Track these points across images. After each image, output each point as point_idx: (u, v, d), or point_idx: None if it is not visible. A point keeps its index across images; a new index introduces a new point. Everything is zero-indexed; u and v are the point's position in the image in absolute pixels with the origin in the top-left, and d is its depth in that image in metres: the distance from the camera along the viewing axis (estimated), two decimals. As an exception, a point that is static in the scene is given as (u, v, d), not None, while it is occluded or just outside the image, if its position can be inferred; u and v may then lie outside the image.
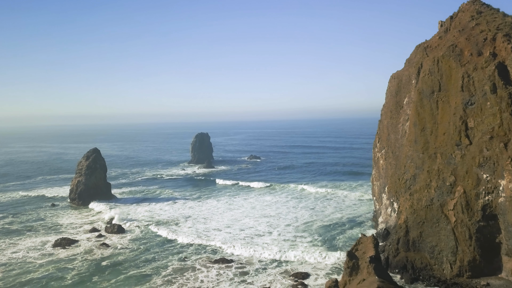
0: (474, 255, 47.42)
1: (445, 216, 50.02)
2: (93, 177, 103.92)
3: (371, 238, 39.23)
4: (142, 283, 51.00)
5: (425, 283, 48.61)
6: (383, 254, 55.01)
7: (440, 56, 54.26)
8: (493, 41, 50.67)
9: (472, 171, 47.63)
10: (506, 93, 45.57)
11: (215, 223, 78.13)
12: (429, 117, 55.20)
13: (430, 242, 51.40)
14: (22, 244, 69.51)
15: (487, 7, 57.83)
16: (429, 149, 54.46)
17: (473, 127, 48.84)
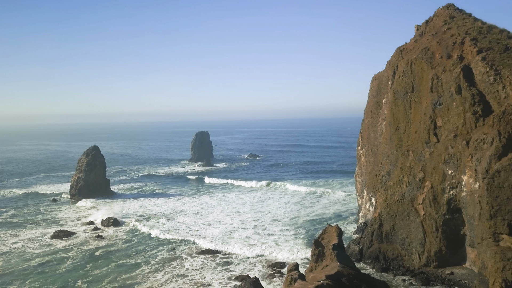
0: (440, 246, 50.51)
1: (415, 209, 53.17)
2: (93, 173, 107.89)
3: (335, 228, 42.51)
4: (132, 271, 54.66)
5: (394, 272, 51.80)
6: (359, 246, 58.28)
7: (413, 59, 57.34)
8: (461, 44, 53.63)
9: (439, 167, 50.73)
10: (469, 94, 48.57)
11: (204, 218, 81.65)
12: (402, 117, 58.33)
13: (401, 234, 54.57)
14: (23, 235, 73.54)
15: (460, 12, 60.71)
16: (402, 147, 57.60)
17: (441, 126, 51.91)
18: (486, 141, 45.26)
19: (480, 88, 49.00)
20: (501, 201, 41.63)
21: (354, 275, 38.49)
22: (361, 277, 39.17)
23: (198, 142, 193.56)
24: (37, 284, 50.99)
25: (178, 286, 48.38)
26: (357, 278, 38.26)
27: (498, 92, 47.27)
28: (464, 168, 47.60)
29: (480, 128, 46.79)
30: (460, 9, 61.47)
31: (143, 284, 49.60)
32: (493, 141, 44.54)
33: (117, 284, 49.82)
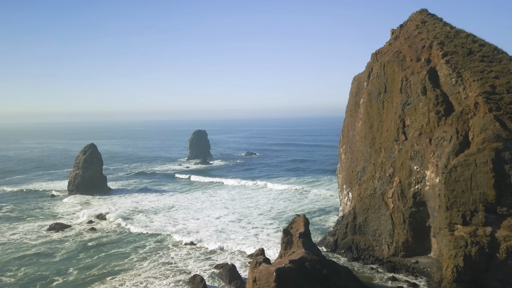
0: (407, 237, 54.01)
1: (385, 203, 56.69)
2: (90, 170, 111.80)
3: (302, 218, 46.19)
4: (120, 259, 58.45)
5: (365, 261, 55.33)
6: (334, 237, 61.92)
7: (386, 61, 60.80)
8: (429, 48, 57.04)
9: (406, 163, 54.22)
10: (433, 95, 52.04)
11: (194, 213, 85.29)
12: (376, 116, 61.82)
13: (372, 226, 58.12)
14: (21, 228, 77.51)
15: (431, 17, 64.07)
16: (375, 144, 61.10)
17: (409, 124, 55.39)
18: (445, 138, 48.81)
19: (443, 89, 52.48)
20: (456, 194, 45.13)
21: (317, 261, 42.29)
22: (324, 262, 42.96)
23: (195, 140, 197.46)
24: (31, 271, 54.82)
25: (160, 272, 52.15)
26: (319, 263, 42.06)
27: (459, 93, 50.74)
28: (427, 164, 51.12)
29: (442, 126, 50.30)
30: (432, 14, 64.85)
31: (129, 271, 53.38)
32: (451, 138, 48.09)
33: (105, 271, 53.61)
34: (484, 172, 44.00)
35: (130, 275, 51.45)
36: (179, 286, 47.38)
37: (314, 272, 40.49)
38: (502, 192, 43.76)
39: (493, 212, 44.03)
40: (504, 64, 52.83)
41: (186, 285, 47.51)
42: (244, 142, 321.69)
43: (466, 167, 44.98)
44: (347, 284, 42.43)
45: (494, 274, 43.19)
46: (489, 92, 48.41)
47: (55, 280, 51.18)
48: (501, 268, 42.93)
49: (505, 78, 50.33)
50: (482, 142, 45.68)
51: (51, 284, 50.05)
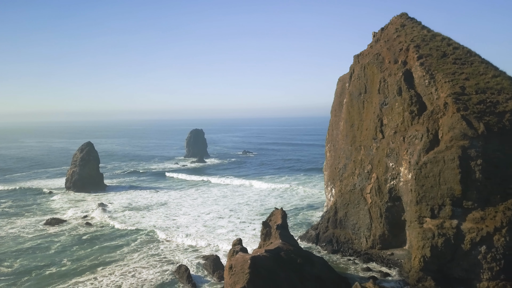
0: (383, 230, 56.85)
1: (364, 198, 59.51)
2: (87, 167, 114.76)
3: (280, 211, 49.06)
4: (112, 251, 61.38)
5: (343, 253, 58.16)
6: (316, 231, 64.78)
7: (366, 63, 63.60)
8: (406, 51, 59.81)
9: (383, 161, 57.03)
10: (408, 95, 54.82)
11: (185, 209, 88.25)
12: (357, 115, 64.64)
13: (352, 220, 60.96)
14: (19, 222, 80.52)
15: (411, 20, 66.77)
16: (356, 142, 63.92)
17: (386, 123, 58.17)
18: (417, 137, 51.62)
19: (418, 90, 55.24)
20: (426, 189, 47.95)
21: (292, 251, 45.22)
22: (299, 252, 45.88)
23: (192, 139, 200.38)
24: (27, 262, 57.77)
25: (149, 263, 55.08)
26: (294, 253, 44.97)
27: (431, 94, 53.51)
28: (401, 161, 53.94)
29: (415, 125, 53.08)
30: (412, 18, 67.52)
31: (119, 261, 56.31)
32: (422, 137, 50.90)
33: (96, 262, 56.55)
34: (452, 168, 46.81)
35: (120, 266, 54.41)
36: (165, 275, 50.30)
37: (288, 261, 43.38)
38: (468, 187, 46.54)
39: (459, 206, 46.84)
40: (475, 66, 55.58)
41: (171, 274, 50.43)
42: (242, 141, 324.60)
43: (435, 163, 47.80)
44: (320, 273, 45.29)
45: (459, 264, 45.96)
46: (458, 93, 51.15)
47: (48, 270, 54.11)
48: (466, 258, 45.69)
49: (474, 80, 53.09)
50: (450, 140, 48.51)
51: (45, 273, 52.98)
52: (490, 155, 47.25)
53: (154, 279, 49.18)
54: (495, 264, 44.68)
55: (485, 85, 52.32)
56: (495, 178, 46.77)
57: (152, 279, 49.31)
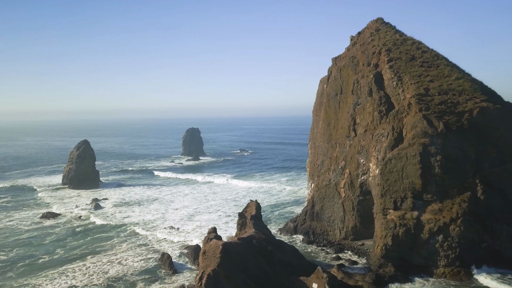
0: (355, 222, 60.73)
1: (338, 192, 63.40)
2: (83, 165, 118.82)
3: (255, 203, 52.99)
4: (103, 242, 65.44)
5: (318, 244, 61.98)
6: (294, 223, 68.69)
7: (342, 66, 67.46)
8: (378, 54, 63.62)
9: (355, 157, 60.93)
10: (378, 96, 58.66)
11: (175, 204, 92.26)
12: (333, 115, 68.51)
13: (327, 213, 64.87)
14: (17, 216, 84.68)
15: (385, 25, 70.55)
16: (332, 140, 67.81)
17: (358, 122, 62.05)
18: (384, 135, 55.51)
19: (387, 91, 59.10)
20: (390, 183, 51.87)
21: (264, 239, 49.19)
22: (270, 240, 49.84)
23: (188, 138, 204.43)
24: (23, 251, 61.84)
25: (136, 252, 59.12)
26: (266, 241, 48.95)
27: (399, 95, 57.37)
28: (370, 157, 57.85)
29: (382, 124, 56.95)
30: (387, 22, 71.32)
31: (108, 251, 60.35)
32: (388, 135, 54.80)
33: (87, 251, 60.61)
34: (413, 164, 50.74)
35: (108, 254, 58.45)
36: (149, 262, 54.32)
37: (259, 248, 47.29)
38: (427, 181, 50.49)
39: (419, 199, 50.80)
40: (440, 69, 59.42)
41: (155, 261, 54.43)
42: (240, 140, 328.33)
43: (398, 159, 51.72)
44: (290, 259, 49.23)
45: (418, 252, 49.87)
46: (422, 94, 55.01)
47: (42, 258, 58.18)
48: (424, 246, 49.61)
49: (438, 82, 56.94)
50: (412, 138, 52.41)
51: (38, 261, 57.06)
52: (449, 152, 51.17)
53: (138, 266, 53.21)
54: (451, 252, 48.66)
55: (448, 87, 56.19)
56: (453, 173, 50.74)
57: (137, 266, 53.33)
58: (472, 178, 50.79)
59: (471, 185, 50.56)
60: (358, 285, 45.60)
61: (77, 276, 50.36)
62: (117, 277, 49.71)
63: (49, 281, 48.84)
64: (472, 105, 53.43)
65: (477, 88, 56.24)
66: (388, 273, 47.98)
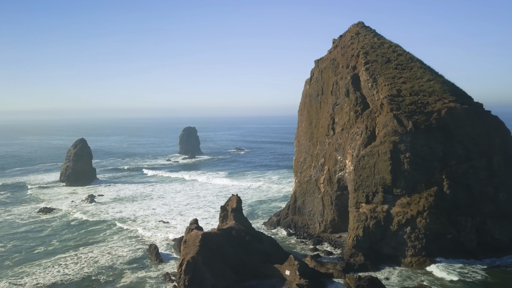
0: (334, 216, 64.16)
1: (318, 188, 66.88)
2: (80, 162, 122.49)
3: (236, 197, 56.50)
4: (96, 234, 69.13)
5: (298, 236, 65.45)
6: (277, 217, 72.20)
7: (323, 68, 70.90)
8: (357, 57, 67.03)
9: (333, 154, 64.37)
10: (354, 96, 62.10)
11: (166, 200, 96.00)
12: (315, 114, 71.97)
13: (308, 207, 68.35)
14: (15, 210, 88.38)
15: (365, 29, 73.93)
16: (313, 139, 71.27)
17: (337, 122, 65.48)
18: (358, 133, 58.97)
19: (363, 92, 62.52)
20: (362, 178, 55.32)
21: (243, 230, 52.78)
22: (249, 231, 53.42)
23: (185, 136, 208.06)
24: (20, 243, 65.46)
25: (126, 243, 62.72)
26: (244, 232, 52.54)
27: (373, 95, 60.79)
28: (346, 154, 61.28)
29: (357, 123, 60.38)
30: (367, 26, 74.70)
31: (100, 242, 63.97)
32: (362, 133, 58.24)
33: (80, 242, 64.25)
34: (384, 160, 54.18)
35: (100, 245, 62.09)
36: (137, 252, 57.92)
37: (238, 238, 50.84)
38: (397, 176, 53.94)
39: (390, 193, 54.25)
40: (413, 71, 62.82)
41: (143, 252, 58.00)
42: (238, 139, 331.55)
43: (371, 156, 55.18)
44: (268, 249, 52.73)
45: (388, 242, 53.33)
46: (394, 95, 58.43)
47: (37, 249, 61.78)
48: (393, 237, 53.06)
49: (410, 83, 60.35)
50: (383, 136, 55.86)
51: (34, 251, 60.68)
52: (417, 149, 54.62)
53: (127, 256, 56.81)
54: (418, 243, 52.12)
55: (419, 88, 59.62)
56: (421, 169, 54.21)
57: (125, 255, 56.93)
58: (439, 174, 54.25)
59: (438, 180, 54.03)
60: (329, 273, 49.15)
61: (69, 265, 53.97)
62: (107, 266, 53.29)
63: (43, 270, 52.43)
64: (441, 106, 56.83)
65: (446, 89, 59.66)
66: (358, 261, 51.42)
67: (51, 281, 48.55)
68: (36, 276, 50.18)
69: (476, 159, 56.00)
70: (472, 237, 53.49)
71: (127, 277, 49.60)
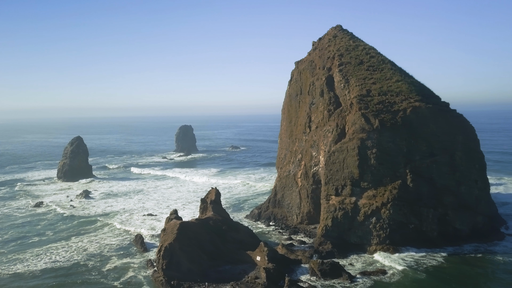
0: (309, 208, 68.29)
1: (296, 182, 71.01)
2: (76, 159, 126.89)
3: (215, 190, 60.71)
4: (88, 225, 73.54)
5: (276, 227, 69.65)
6: (259, 210, 76.40)
7: (302, 69, 74.97)
8: (332, 59, 71.08)
9: (309, 150, 68.49)
10: (328, 96, 66.19)
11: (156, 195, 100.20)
12: (294, 113, 76.06)
13: (287, 201, 72.51)
14: (12, 205, 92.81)
15: (343, 32, 77.90)
16: (292, 136, 75.39)
17: (313, 120, 69.59)
18: (330, 131, 63.08)
19: (336, 92, 66.61)
20: (333, 172, 59.44)
21: (220, 220, 57.03)
22: (226, 221, 57.65)
23: (181, 134, 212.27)
24: (16, 234, 69.83)
25: (114, 234, 67.07)
26: (221, 222, 56.77)
27: (345, 95, 64.87)
28: (320, 150, 65.42)
29: (330, 121, 64.48)
30: (345, 29, 78.68)
31: (91, 233, 68.37)
32: (333, 130, 62.34)
33: (73, 233, 68.60)
34: (352, 156, 58.29)
35: (90, 236, 66.46)
36: (124, 242, 62.26)
37: (215, 227, 55.09)
38: (364, 171, 58.04)
39: (357, 186, 58.36)
40: (384, 72, 66.84)
41: (129, 241, 62.30)
42: (235, 137, 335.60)
43: (340, 152, 59.30)
44: (243, 238, 56.94)
45: (355, 232, 57.48)
46: (363, 95, 62.48)
47: (32, 239, 66.16)
48: (360, 227, 57.20)
49: (380, 84, 64.39)
50: (352, 133, 59.96)
51: (28, 241, 65.07)
52: (384, 145, 58.71)
53: (115, 245, 61.16)
54: (382, 232, 56.26)
55: (387, 88, 63.67)
56: (387, 163, 58.30)
57: (113, 244, 61.29)
58: (403, 169, 58.34)
59: (402, 174, 58.12)
60: (297, 259, 53.31)
61: (60, 252, 58.37)
62: (95, 253, 57.64)
63: (35, 257, 56.85)
64: (406, 105, 60.87)
65: (413, 89, 63.68)
66: (326, 249, 55.55)
67: (42, 267, 52.88)
68: (28, 263, 54.56)
69: (439, 155, 60.12)
70: (434, 227, 57.59)
71: (113, 263, 53.91)
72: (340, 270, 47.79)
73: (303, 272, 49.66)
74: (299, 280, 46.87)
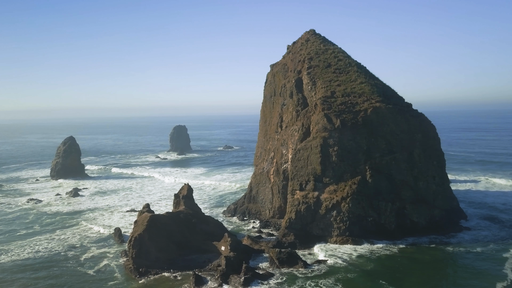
0: (280, 203, 72.25)
1: (269, 179, 75.05)
2: (69, 159, 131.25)
3: (187, 185, 64.87)
4: (72, 220, 77.70)
5: (249, 221, 73.73)
6: (235, 205, 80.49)
7: (275, 71, 79.05)
8: (303, 62, 75.14)
9: (280, 149, 72.54)
10: (296, 98, 70.26)
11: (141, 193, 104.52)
12: (268, 114, 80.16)
13: (261, 196, 76.57)
14: (4, 201, 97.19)
15: (315, 36, 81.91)
16: (267, 135, 79.49)
17: (284, 120, 73.66)
18: (297, 130, 67.13)
19: (304, 94, 70.68)
20: (298, 169, 63.49)
21: (191, 214, 61.14)
22: (196, 215, 61.78)
23: (175, 134, 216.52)
24: (5, 227, 74.08)
25: (96, 227, 71.35)
26: (192, 215, 60.90)
27: (312, 97, 68.94)
28: (289, 148, 69.48)
29: (297, 121, 68.52)
30: (317, 33, 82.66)
31: (75, 226, 72.67)
32: (299, 130, 66.39)
33: (58, 227, 72.90)
34: (315, 153, 62.33)
35: (74, 228, 70.76)
36: (104, 234, 66.48)
37: (185, 220, 59.22)
38: (326, 167, 62.08)
39: (320, 182, 62.39)
40: (349, 75, 70.84)
41: (108, 234, 66.54)
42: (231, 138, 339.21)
43: (305, 150, 63.37)
44: (213, 230, 61.05)
45: (317, 224, 61.49)
46: (328, 96, 66.52)
47: (20, 232, 70.42)
48: (322, 220, 61.22)
49: (344, 86, 68.40)
50: (316, 132, 64.02)
51: (16, 234, 69.35)
52: (344, 143, 62.73)
53: (94, 236, 65.40)
54: (342, 224, 60.27)
55: (351, 90, 67.69)
56: (347, 160, 62.31)
57: (93, 236, 65.52)
58: (363, 165, 62.37)
59: (362, 170, 62.16)
60: (261, 249, 57.39)
61: (43, 243, 62.68)
62: (75, 245, 61.87)
63: (19, 248, 61.08)
64: (367, 105, 64.88)
65: (375, 90, 67.65)
66: (288, 240, 59.58)
67: (24, 257, 57.14)
68: (12, 254, 58.80)
69: (398, 152, 64.12)
70: (392, 220, 61.57)
71: (90, 252, 58.16)
72: (296, 259, 51.78)
73: (264, 261, 53.70)
74: (257, 267, 50.91)
